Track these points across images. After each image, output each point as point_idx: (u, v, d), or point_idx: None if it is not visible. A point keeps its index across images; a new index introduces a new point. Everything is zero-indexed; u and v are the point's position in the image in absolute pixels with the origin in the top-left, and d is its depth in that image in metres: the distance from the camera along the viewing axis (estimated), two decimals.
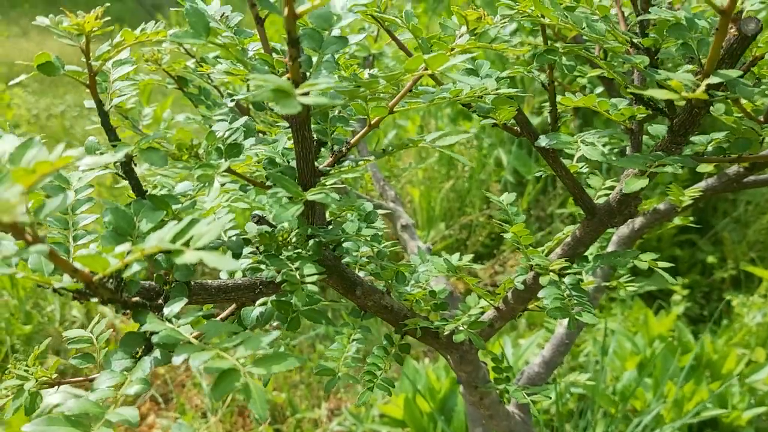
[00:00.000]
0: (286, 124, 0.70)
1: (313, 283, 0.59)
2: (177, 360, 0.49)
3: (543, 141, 0.70)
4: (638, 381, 2.08)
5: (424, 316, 0.87)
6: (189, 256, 0.42)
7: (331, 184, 0.65)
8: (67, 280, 0.48)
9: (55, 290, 0.52)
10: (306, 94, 0.42)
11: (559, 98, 0.76)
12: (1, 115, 5.23)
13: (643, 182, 0.59)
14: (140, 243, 0.44)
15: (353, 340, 0.97)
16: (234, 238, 0.65)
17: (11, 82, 0.60)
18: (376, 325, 2.69)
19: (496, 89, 0.67)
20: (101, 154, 0.59)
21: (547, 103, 0.82)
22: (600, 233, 0.82)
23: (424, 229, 3.25)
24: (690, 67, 0.63)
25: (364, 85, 0.56)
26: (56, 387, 0.67)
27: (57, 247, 0.63)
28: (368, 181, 1.58)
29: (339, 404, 2.58)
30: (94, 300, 0.54)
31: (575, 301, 0.75)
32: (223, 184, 0.60)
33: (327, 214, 0.76)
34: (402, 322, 0.84)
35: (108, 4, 0.59)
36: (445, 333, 0.89)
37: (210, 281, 0.66)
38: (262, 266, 0.68)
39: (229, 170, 0.55)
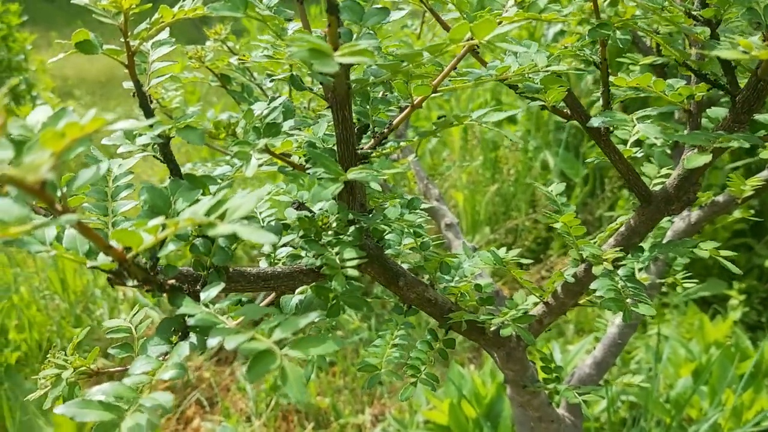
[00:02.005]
0: (329, 116, 0.68)
1: (353, 267, 0.56)
2: (212, 342, 0.47)
3: (596, 121, 0.66)
4: (694, 389, 1.99)
5: (470, 311, 0.83)
6: (223, 229, 0.40)
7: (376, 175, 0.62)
8: (101, 259, 0.47)
9: (94, 270, 0.50)
10: (348, 55, 0.39)
11: (611, 79, 0.72)
12: None
13: (706, 158, 0.55)
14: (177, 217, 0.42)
15: (396, 337, 0.95)
16: (273, 223, 0.63)
17: (51, 60, 0.59)
18: (419, 328, 2.66)
19: (547, 66, 0.64)
20: (139, 135, 0.58)
21: (594, 105, 0.78)
22: (656, 222, 0.78)
23: (469, 233, 3.21)
24: (759, 35, 0.59)
25: (407, 58, 0.53)
26: (94, 376, 0.66)
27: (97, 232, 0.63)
28: (411, 180, 1.55)
29: (383, 410, 2.55)
30: (130, 284, 0.53)
31: (630, 292, 0.71)
32: (260, 165, 0.58)
33: (368, 204, 0.74)
34: (446, 315, 0.80)
35: None
36: (492, 328, 0.86)
37: (249, 268, 0.65)
38: (302, 253, 0.66)
39: (267, 150, 0.53)
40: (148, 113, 0.59)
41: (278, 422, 2.51)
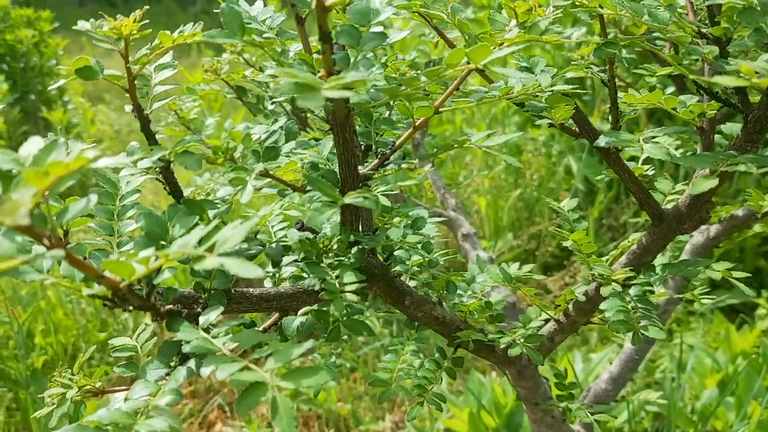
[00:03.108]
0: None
1: (353, 292, 0.56)
2: (205, 371, 0.47)
3: (602, 141, 0.65)
4: (719, 400, 1.95)
5: (479, 329, 0.82)
6: (210, 262, 0.40)
7: (383, 191, 0.62)
8: (97, 287, 0.47)
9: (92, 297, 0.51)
10: (335, 89, 0.39)
11: (621, 96, 0.71)
12: (86, 131, 5.47)
13: (712, 183, 0.53)
14: (167, 249, 0.42)
15: (408, 351, 0.94)
16: (274, 245, 0.63)
17: (52, 87, 0.60)
18: (428, 343, 2.65)
19: (551, 86, 0.63)
20: (141, 159, 0.58)
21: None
22: (668, 241, 0.76)
23: (491, 239, 3.19)
24: (767, 56, 0.57)
25: (405, 82, 0.53)
26: (100, 395, 0.66)
27: (100, 253, 0.63)
28: (428, 189, 1.55)
29: (403, 417, 2.54)
30: (127, 309, 0.53)
31: (640, 314, 0.70)
32: (259, 189, 0.58)
33: (375, 221, 0.74)
34: (454, 334, 0.80)
35: (147, 7, 0.58)
36: (502, 346, 0.85)
37: (251, 289, 0.65)
38: (304, 274, 0.66)
39: (266, 174, 0.53)
40: (150, 138, 0.59)
41: (299, 428, 2.52)
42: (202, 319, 0.56)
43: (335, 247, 0.60)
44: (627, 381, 1.12)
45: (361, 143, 0.68)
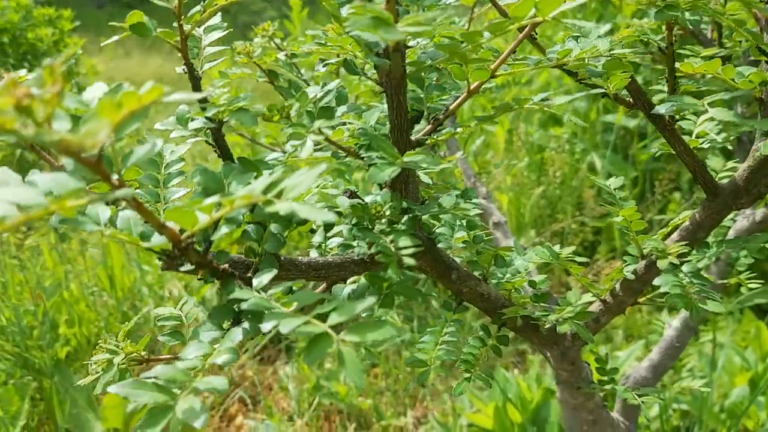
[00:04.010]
0: (380, 107, 0.66)
1: (409, 255, 0.55)
2: (266, 327, 0.46)
3: (663, 108, 0.63)
4: (751, 399, 1.92)
5: (525, 307, 0.81)
6: (281, 206, 0.38)
7: (425, 169, 0.60)
8: (155, 240, 0.46)
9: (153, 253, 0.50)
10: (411, 25, 0.38)
11: (677, 65, 0.69)
12: None
13: None
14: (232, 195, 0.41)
15: (446, 334, 0.93)
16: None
17: (105, 42, 0.59)
18: (463, 330, 2.63)
19: (609, 50, 0.61)
20: (191, 119, 0.57)
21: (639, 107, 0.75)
22: (723, 216, 0.74)
23: (513, 236, 3.16)
24: None
25: (466, 38, 0.51)
26: (145, 363, 0.65)
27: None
28: (459, 177, 1.53)
29: (425, 412, 2.53)
30: (183, 269, 0.52)
31: (696, 289, 0.68)
32: (317, 148, 0.56)
33: (421, 196, 0.72)
34: (499, 311, 0.78)
35: None
36: (547, 325, 0.83)
37: (300, 258, 0.63)
38: (354, 243, 0.64)
39: (321, 133, 0.52)
40: (201, 99, 0.58)
41: (320, 422, 2.51)
42: (255, 281, 0.55)
43: (388, 213, 0.59)
44: (667, 369, 1.10)
45: (410, 111, 0.66)
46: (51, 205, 0.35)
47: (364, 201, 0.62)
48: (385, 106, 0.67)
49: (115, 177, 0.38)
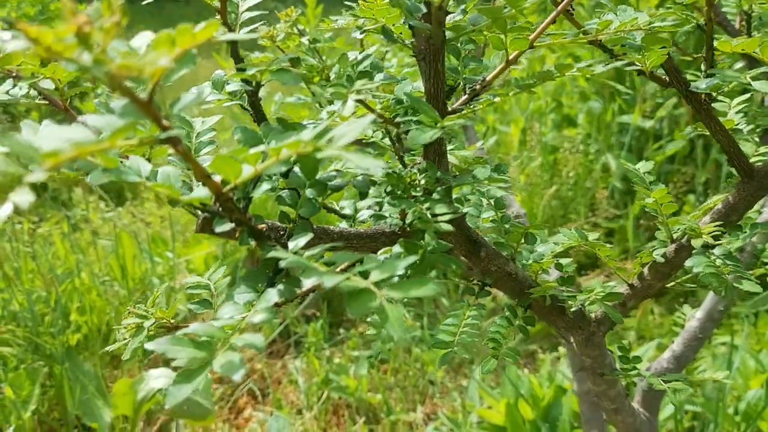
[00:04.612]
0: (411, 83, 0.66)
1: (447, 222, 0.54)
2: (307, 283, 0.45)
3: (703, 83, 0.63)
4: (766, 401, 1.90)
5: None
6: (330, 151, 0.38)
7: (452, 148, 0.60)
8: (197, 193, 0.45)
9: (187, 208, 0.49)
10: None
11: (715, 43, 0.68)
12: None
13: None
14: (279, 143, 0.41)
15: (469, 317, 0.92)
16: (360, 178, 0.61)
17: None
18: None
19: (649, 24, 0.61)
20: (227, 83, 0.56)
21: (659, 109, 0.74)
22: (757, 199, 0.73)
23: None
24: None
25: (510, 2, 0.51)
26: (173, 331, 0.65)
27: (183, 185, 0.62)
28: None
29: (434, 409, 2.52)
30: (219, 229, 0.52)
31: (731, 269, 0.67)
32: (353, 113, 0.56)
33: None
34: (527, 291, 0.77)
35: None
36: (572, 309, 0.82)
37: (332, 227, 0.63)
38: (386, 214, 0.64)
39: (360, 101, 0.52)
40: (237, 60, 0.58)
41: (329, 416, 2.50)
42: (291, 244, 0.54)
43: (423, 182, 0.58)
44: (690, 360, 1.09)
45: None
46: (97, 144, 0.35)
47: (397, 170, 0.61)
48: (416, 84, 0.66)
49: (164, 120, 0.38)
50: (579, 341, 0.87)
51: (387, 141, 0.69)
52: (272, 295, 0.51)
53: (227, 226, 0.52)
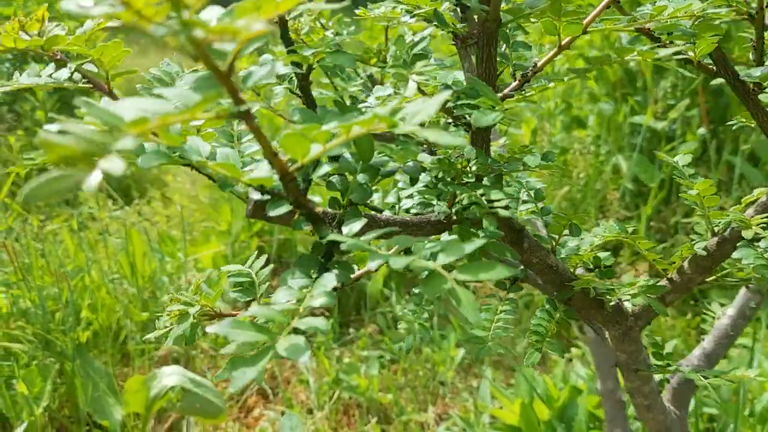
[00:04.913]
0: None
1: (503, 207, 0.53)
2: (372, 265, 0.44)
3: (757, 71, 0.62)
4: None
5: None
6: (406, 128, 0.37)
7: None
8: (258, 173, 0.44)
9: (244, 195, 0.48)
10: None
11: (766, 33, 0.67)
12: None
13: None
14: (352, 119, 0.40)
15: (501, 311, 0.91)
16: (411, 164, 0.60)
17: None
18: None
19: (703, 10, 0.60)
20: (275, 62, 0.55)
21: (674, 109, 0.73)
22: None
23: None
24: None
25: None
26: (217, 318, 0.64)
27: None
28: None
29: (445, 409, 2.50)
30: (274, 212, 0.51)
31: None
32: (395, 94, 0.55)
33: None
34: (568, 284, 0.76)
35: None
36: (612, 302, 0.81)
37: (378, 214, 0.62)
38: (433, 201, 0.63)
39: (421, 74, 0.51)
40: (288, 43, 0.57)
41: (339, 416, 2.49)
42: (345, 229, 0.53)
43: (474, 168, 0.58)
44: (720, 358, 1.08)
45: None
46: (181, 114, 0.34)
47: (448, 155, 0.60)
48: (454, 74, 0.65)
49: (240, 94, 0.37)
50: (616, 336, 0.86)
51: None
52: (329, 280, 0.50)
53: (282, 210, 0.51)
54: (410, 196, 0.67)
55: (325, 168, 0.47)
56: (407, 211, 0.67)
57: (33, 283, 2.41)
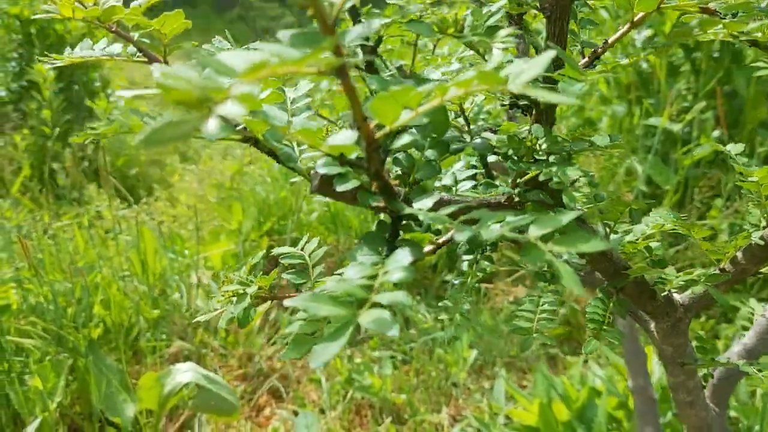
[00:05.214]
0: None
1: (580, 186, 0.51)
2: (460, 237, 0.43)
3: None
4: None
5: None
6: (516, 87, 0.35)
7: None
8: (339, 140, 0.43)
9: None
10: None
11: None
12: (127, 122, 5.45)
13: None
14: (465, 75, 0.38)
15: (545, 303, 0.89)
16: (479, 140, 0.58)
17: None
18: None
19: None
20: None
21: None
22: None
23: None
24: None
25: None
26: (271, 301, 0.62)
27: (289, 149, 0.59)
28: None
29: (459, 410, 2.48)
30: (344, 185, 0.49)
31: None
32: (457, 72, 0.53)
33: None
34: (622, 272, 0.74)
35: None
36: (663, 293, 0.79)
37: (442, 194, 0.60)
38: (497, 181, 0.61)
39: (504, 42, 0.49)
40: (356, 18, 0.55)
41: (351, 416, 2.46)
42: (416, 205, 0.51)
43: (544, 146, 0.56)
44: (761, 354, 1.06)
45: None
46: (287, 64, 0.32)
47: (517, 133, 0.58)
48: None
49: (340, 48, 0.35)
50: (663, 329, 0.84)
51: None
52: (404, 255, 0.48)
53: (350, 185, 0.50)
54: (468, 178, 0.65)
55: (406, 138, 0.46)
56: (463, 193, 0.65)
57: (46, 278, 2.39)
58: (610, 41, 0.59)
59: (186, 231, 3.58)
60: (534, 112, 0.59)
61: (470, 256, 0.94)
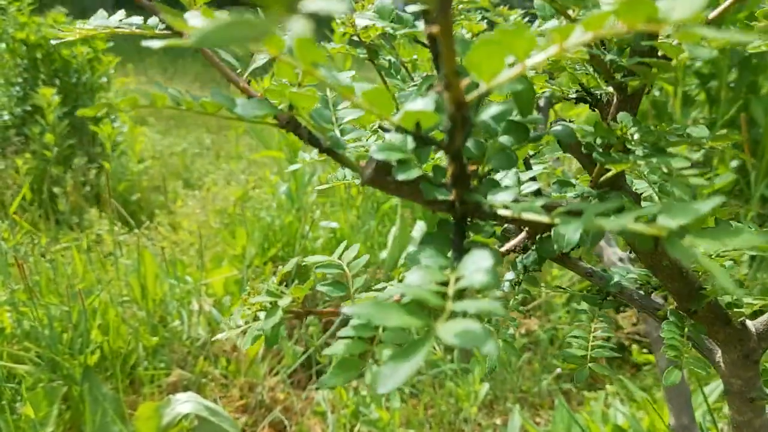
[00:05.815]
0: None
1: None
2: (573, 234, 0.34)
3: None
4: None
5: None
6: (674, 27, 0.27)
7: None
8: (416, 106, 0.34)
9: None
10: None
11: None
12: (130, 148, 5.38)
13: None
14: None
15: (597, 329, 0.81)
16: (560, 127, 0.50)
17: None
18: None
19: None
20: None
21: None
22: None
23: None
24: None
25: None
26: (303, 317, 0.53)
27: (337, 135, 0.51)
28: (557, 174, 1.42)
29: None
30: (406, 174, 0.40)
31: None
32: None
33: None
34: (697, 293, 0.65)
35: None
36: (740, 318, 0.70)
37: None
38: (573, 180, 0.53)
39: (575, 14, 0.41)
40: None
41: None
42: (497, 198, 0.43)
43: (636, 137, 0.47)
44: None
45: None
46: None
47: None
48: None
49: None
50: (733, 359, 0.75)
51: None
52: (483, 257, 0.39)
53: (413, 173, 0.41)
54: (531, 179, 0.57)
55: (495, 109, 0.37)
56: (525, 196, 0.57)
57: (42, 301, 2.29)
58: (710, 17, 0.51)
59: (188, 257, 3.49)
60: (615, 100, 0.51)
61: (512, 276, 0.85)
